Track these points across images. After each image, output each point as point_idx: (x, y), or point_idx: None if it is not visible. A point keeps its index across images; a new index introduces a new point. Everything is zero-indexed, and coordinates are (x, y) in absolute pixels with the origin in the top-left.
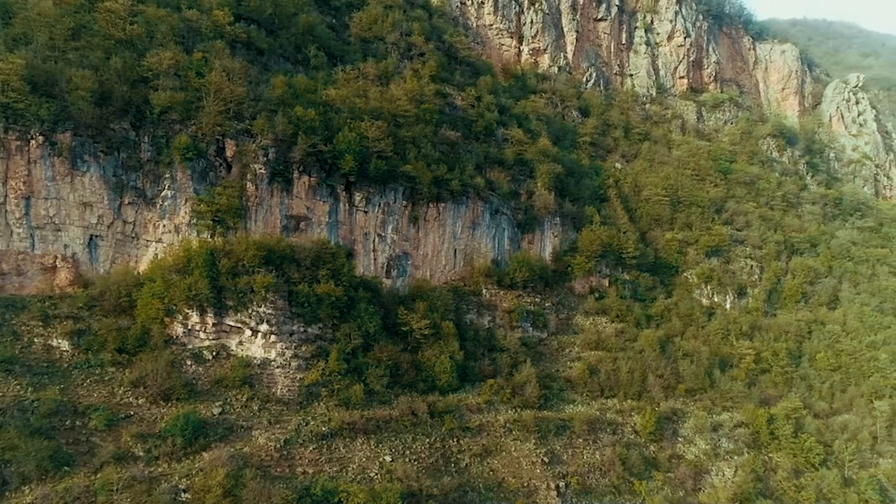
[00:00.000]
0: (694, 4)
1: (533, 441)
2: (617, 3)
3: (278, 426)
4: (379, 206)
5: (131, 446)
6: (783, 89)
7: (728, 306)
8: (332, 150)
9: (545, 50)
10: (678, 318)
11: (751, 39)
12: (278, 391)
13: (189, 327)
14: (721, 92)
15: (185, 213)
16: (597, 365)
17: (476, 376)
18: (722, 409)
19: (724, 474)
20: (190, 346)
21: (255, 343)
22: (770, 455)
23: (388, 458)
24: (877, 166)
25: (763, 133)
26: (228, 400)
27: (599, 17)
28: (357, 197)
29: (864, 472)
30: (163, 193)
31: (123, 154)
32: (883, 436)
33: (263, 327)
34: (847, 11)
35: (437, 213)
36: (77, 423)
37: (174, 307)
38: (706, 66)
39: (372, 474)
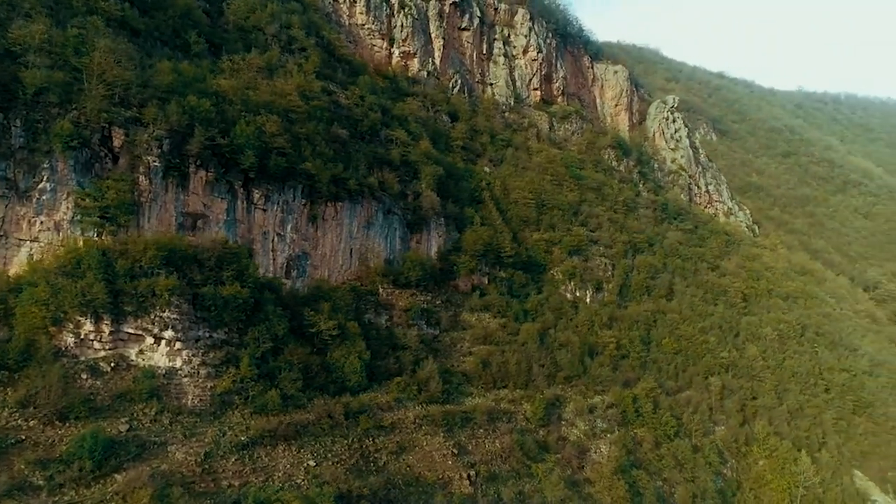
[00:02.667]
0: (544, 22)
1: (442, 434)
2: (478, 14)
3: (195, 439)
4: (278, 204)
5: (28, 475)
6: (616, 105)
7: (588, 300)
8: (231, 145)
9: (415, 54)
10: (550, 312)
11: (590, 59)
12: (189, 402)
13: (81, 337)
14: (568, 105)
15: (67, 208)
16: (487, 358)
17: (382, 375)
18: (595, 393)
19: (601, 451)
20: (83, 358)
21: (159, 351)
22: (636, 430)
23: (312, 463)
24: (690, 177)
25: (603, 144)
26: (135, 415)
27: (463, 26)
28: (256, 194)
29: (706, 439)
30: (40, 186)
31: None
32: (717, 407)
33: (168, 334)
34: (651, 39)
35: (334, 213)
36: None
37: (62, 315)
38: (555, 81)
39: (299, 480)
